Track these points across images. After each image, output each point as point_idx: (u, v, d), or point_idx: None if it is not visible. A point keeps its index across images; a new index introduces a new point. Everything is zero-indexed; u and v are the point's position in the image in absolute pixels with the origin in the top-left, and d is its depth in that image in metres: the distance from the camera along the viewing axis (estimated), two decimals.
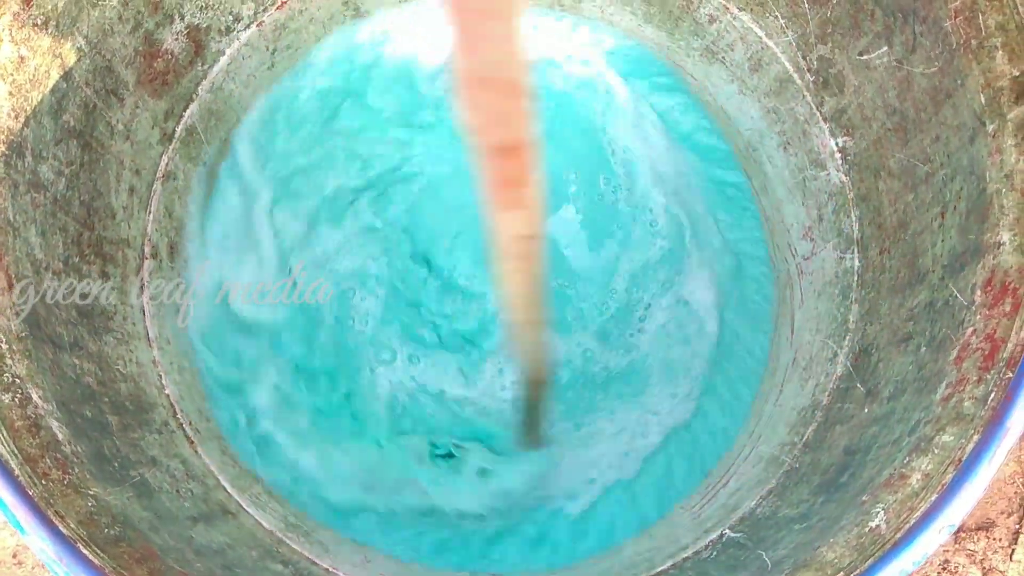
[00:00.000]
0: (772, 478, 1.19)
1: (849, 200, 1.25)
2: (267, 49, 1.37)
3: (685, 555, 1.17)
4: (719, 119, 1.52)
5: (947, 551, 1.49)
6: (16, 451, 0.84)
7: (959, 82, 0.98)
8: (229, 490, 1.20)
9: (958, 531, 1.49)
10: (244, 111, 1.42)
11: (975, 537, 1.49)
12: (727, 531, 1.16)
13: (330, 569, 1.20)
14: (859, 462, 1.00)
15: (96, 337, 1.10)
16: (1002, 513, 1.50)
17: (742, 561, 1.06)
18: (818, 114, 1.27)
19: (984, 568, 1.48)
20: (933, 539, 0.75)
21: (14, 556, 1.50)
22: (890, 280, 1.15)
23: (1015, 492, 1.50)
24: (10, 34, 0.97)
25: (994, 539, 1.49)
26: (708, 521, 1.23)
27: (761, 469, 1.24)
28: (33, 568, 1.50)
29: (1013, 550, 1.49)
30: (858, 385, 1.13)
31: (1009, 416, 0.75)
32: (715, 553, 1.14)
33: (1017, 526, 1.49)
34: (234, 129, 1.42)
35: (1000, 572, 1.48)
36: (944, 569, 1.48)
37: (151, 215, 1.26)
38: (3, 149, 0.97)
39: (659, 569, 1.18)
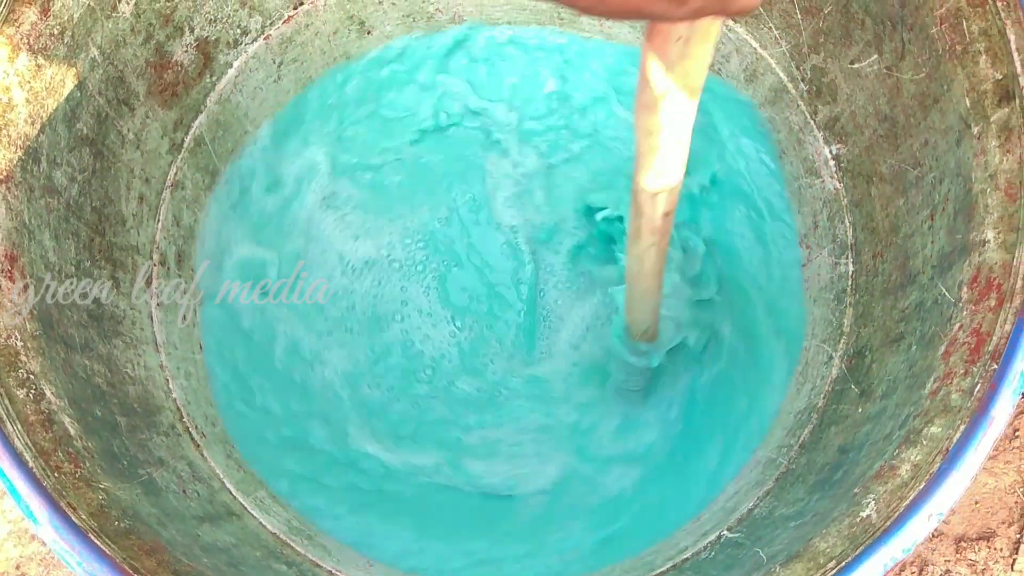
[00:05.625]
0: (769, 479, 1.19)
1: (843, 206, 1.27)
2: (273, 62, 1.40)
3: (684, 556, 1.18)
4: None
5: (948, 561, 1.49)
6: (30, 444, 0.85)
7: (945, 87, 1.01)
8: (234, 493, 1.21)
9: (959, 541, 1.50)
10: (250, 123, 1.45)
11: (976, 547, 1.49)
12: (725, 532, 1.16)
13: (333, 571, 1.20)
14: (852, 459, 1.01)
15: (106, 340, 1.12)
16: (1003, 523, 1.50)
17: (739, 559, 1.06)
18: (812, 123, 1.29)
19: None
20: (921, 527, 0.76)
21: (17, 567, 1.51)
22: (883, 283, 1.16)
23: (1015, 502, 1.51)
24: (28, 43, 1.01)
25: (995, 549, 1.49)
26: (706, 524, 1.23)
27: (759, 472, 1.25)
28: None
29: (1014, 560, 1.49)
30: (852, 386, 1.14)
31: (994, 405, 0.76)
32: (713, 553, 1.14)
33: (1018, 536, 1.49)
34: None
35: None
36: None
37: (160, 223, 1.29)
38: (20, 154, 1.00)
39: (658, 571, 1.18)
